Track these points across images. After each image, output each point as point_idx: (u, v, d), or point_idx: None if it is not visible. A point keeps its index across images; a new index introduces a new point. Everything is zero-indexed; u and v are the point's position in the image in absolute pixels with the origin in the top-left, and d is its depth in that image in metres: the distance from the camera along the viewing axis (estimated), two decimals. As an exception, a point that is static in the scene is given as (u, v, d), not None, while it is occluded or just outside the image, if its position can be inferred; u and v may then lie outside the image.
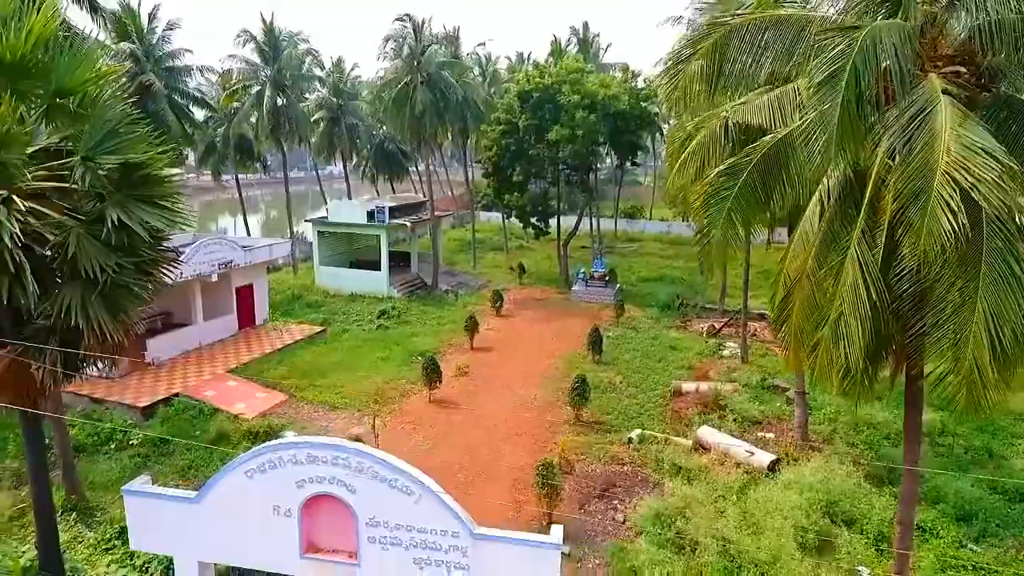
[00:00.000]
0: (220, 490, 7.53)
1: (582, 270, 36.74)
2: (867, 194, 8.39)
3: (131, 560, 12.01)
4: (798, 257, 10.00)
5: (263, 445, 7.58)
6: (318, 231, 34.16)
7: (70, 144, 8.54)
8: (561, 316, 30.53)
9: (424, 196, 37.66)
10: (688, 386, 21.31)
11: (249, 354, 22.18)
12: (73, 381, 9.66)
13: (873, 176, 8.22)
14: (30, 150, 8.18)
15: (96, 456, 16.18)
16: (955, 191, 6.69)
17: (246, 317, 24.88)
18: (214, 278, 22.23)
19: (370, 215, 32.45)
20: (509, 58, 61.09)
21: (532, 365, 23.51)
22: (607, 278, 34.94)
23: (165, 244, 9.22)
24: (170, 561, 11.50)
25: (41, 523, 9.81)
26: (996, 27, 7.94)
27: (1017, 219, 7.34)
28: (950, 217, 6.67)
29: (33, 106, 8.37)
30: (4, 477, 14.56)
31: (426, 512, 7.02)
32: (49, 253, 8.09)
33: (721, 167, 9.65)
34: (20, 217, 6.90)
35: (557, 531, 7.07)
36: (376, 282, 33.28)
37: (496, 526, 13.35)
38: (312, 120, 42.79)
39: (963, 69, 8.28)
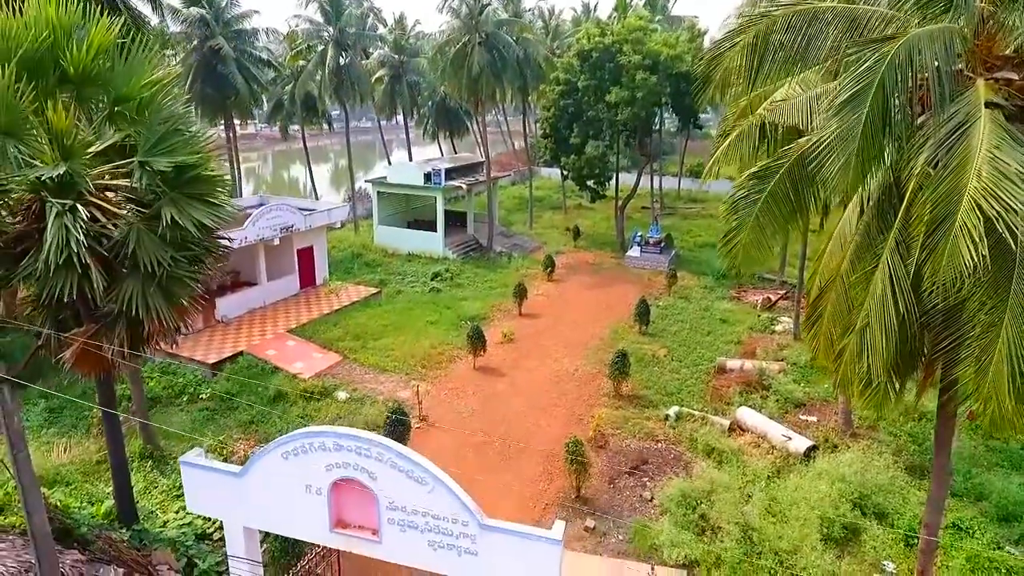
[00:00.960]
0: (261, 467, 8.41)
1: (639, 233, 36.33)
2: (904, 203, 8.14)
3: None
4: (835, 257, 9.84)
5: (297, 432, 8.37)
6: (377, 191, 35.07)
7: (133, 141, 9.31)
8: (612, 283, 30.54)
9: (482, 156, 37.82)
10: (733, 363, 21.20)
11: (308, 314, 23.52)
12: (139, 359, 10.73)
13: (912, 185, 7.93)
14: (93, 150, 8.98)
15: (170, 408, 17.86)
16: (980, 220, 6.46)
17: (307, 278, 26.22)
18: (276, 242, 23.50)
19: (427, 177, 32.99)
20: (575, 9, 59.16)
21: (577, 334, 23.85)
22: (662, 244, 34.48)
23: (216, 235, 9.93)
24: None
25: (117, 477, 11.16)
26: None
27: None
28: (971, 248, 6.47)
29: (95, 111, 9.12)
30: (93, 424, 16.33)
31: (439, 501, 7.64)
32: (112, 248, 8.94)
33: (753, 168, 9.49)
34: (84, 224, 7.71)
35: (559, 526, 7.56)
36: (432, 243, 34.09)
37: (528, 498, 14.14)
38: (374, 78, 43.32)
39: (1016, 76, 7.76)
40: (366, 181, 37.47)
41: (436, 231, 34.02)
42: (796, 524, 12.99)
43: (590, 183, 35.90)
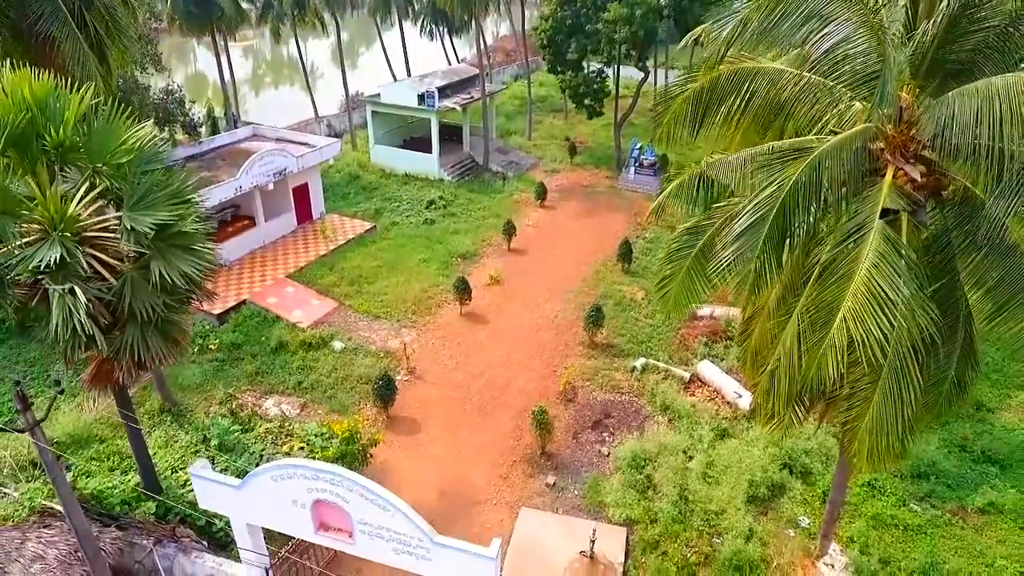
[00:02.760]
0: (255, 484, 10.17)
1: (639, 145, 36.27)
2: (809, 282, 9.05)
3: (213, 464, 15.59)
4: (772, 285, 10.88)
5: (284, 462, 10.03)
6: (372, 111, 34.79)
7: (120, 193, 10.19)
8: (602, 211, 31.15)
9: (484, 65, 36.83)
10: (704, 310, 22.52)
11: (306, 256, 24.78)
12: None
13: (815, 273, 8.80)
14: (85, 218, 9.93)
15: (181, 360, 19.74)
16: (845, 339, 7.51)
17: (303, 213, 27.16)
18: (271, 187, 24.23)
19: (420, 98, 32.63)
20: None
21: (562, 274, 25.04)
22: (657, 166, 34.54)
23: (202, 277, 11.01)
24: (241, 470, 15.07)
25: (140, 459, 13.15)
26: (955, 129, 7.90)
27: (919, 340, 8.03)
28: (836, 362, 7.58)
29: (80, 172, 9.93)
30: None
31: (399, 523, 9.42)
32: (111, 296, 10.14)
33: (687, 224, 10.30)
34: (85, 300, 8.87)
35: (495, 545, 9.35)
36: (428, 163, 34.36)
37: (497, 455, 16.15)
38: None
39: (920, 174, 8.36)
40: (360, 98, 36.91)
41: (432, 152, 34.15)
42: (727, 487, 15.03)
43: (587, 101, 35.25)
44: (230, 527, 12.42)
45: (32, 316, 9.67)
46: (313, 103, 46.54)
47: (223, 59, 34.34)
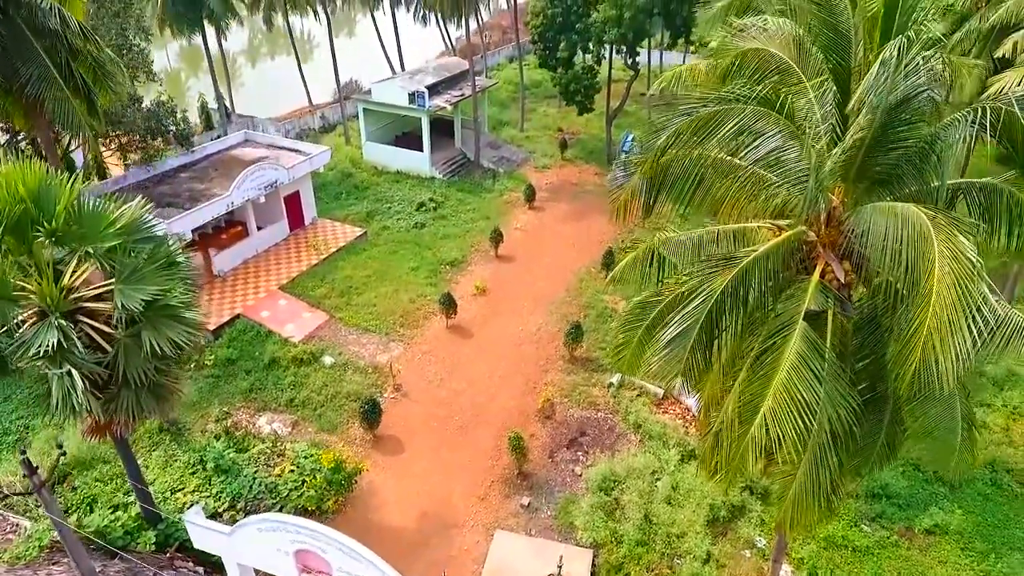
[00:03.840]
0: (243, 533, 11.16)
1: (631, 137, 36.61)
2: (745, 364, 9.80)
3: (209, 485, 16.65)
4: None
5: (269, 516, 10.99)
6: (363, 108, 35.02)
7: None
8: (589, 212, 31.60)
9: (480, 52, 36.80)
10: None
11: (298, 265, 25.51)
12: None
13: (747, 361, 9.54)
14: (80, 290, 10.69)
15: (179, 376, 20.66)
16: (764, 439, 8.31)
17: (295, 220, 27.77)
18: (262, 200, 24.81)
19: (411, 97, 32.84)
20: None
21: (546, 282, 25.75)
22: (646, 164, 34.82)
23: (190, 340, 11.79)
24: (235, 492, 16.15)
25: (139, 494, 14.16)
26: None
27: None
28: (755, 461, 8.41)
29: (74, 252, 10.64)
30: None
31: (372, 572, 10.43)
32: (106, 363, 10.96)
33: (639, 298, 11.02)
34: (83, 380, 9.70)
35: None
36: (419, 161, 34.76)
37: (476, 475, 17.16)
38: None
39: (844, 273, 9.06)
40: (350, 97, 37.08)
41: (423, 151, 34.49)
42: (689, 509, 16.06)
43: (578, 98, 35.40)
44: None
45: (33, 387, 10.51)
46: (307, 91, 46.61)
47: (218, 45, 34.30)
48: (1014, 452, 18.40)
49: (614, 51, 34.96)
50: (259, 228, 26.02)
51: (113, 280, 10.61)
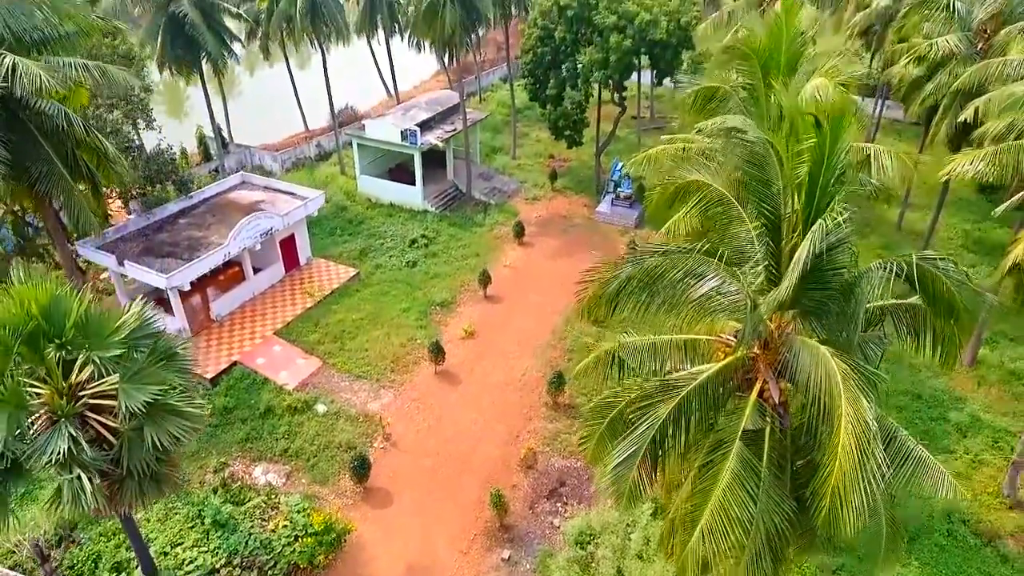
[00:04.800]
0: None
1: (620, 165, 37.46)
2: (689, 476, 10.75)
3: (206, 540, 17.63)
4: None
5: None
6: (357, 143, 35.93)
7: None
8: (577, 249, 32.51)
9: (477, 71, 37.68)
10: (661, 368, 24.25)
11: (292, 309, 26.45)
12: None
13: (692, 469, 10.50)
14: (85, 392, 11.64)
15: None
16: (701, 551, 9.28)
17: (291, 261, 28.70)
18: (258, 247, 25.74)
19: (403, 135, 33.74)
20: None
21: (533, 325, 26.67)
22: (633, 199, 35.81)
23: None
24: (232, 548, 17.10)
25: (140, 555, 15.12)
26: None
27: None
28: (696, 570, 9.39)
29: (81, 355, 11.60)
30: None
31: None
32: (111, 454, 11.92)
33: (601, 396, 11.98)
34: (91, 482, 10.66)
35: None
36: (412, 195, 35.68)
37: (460, 528, 18.15)
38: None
39: (780, 392, 10.02)
40: (346, 133, 37.97)
41: (416, 184, 35.41)
42: (660, 563, 17.05)
43: (567, 133, 36.30)
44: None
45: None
46: (303, 116, 47.47)
47: (216, 83, 35.17)
48: (971, 502, 19.38)
49: (602, 88, 35.86)
50: (255, 271, 26.94)
51: (117, 378, 11.58)
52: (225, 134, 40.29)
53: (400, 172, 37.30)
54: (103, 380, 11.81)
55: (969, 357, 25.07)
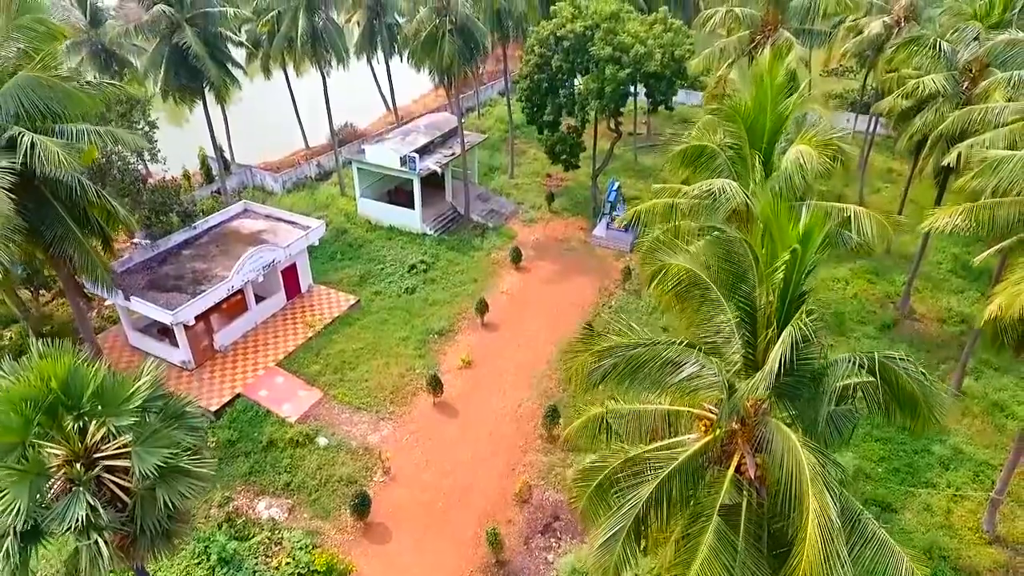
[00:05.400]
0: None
1: (616, 185, 38.00)
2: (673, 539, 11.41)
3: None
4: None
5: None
6: (357, 168, 36.53)
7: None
8: (574, 273, 33.16)
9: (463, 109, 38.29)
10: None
11: (294, 338, 27.06)
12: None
13: (672, 540, 11.14)
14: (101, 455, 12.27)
15: (185, 460, 22.26)
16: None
17: (292, 289, 29.30)
18: (260, 279, 26.35)
19: (402, 161, 34.33)
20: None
21: (529, 354, 27.29)
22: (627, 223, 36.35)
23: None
24: (236, 586, 17.73)
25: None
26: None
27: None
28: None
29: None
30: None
31: None
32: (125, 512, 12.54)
33: (589, 459, 12.63)
34: (108, 551, 11.27)
35: None
36: (411, 218, 36.29)
37: (457, 564, 18.80)
38: (351, 19, 42.14)
39: (757, 465, 10.66)
40: (346, 158, 38.58)
41: (414, 208, 36.00)
42: (649, 603, 17.69)
43: (563, 157, 36.93)
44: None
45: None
46: (303, 134, 48.03)
47: (216, 108, 35.76)
48: (951, 538, 20.05)
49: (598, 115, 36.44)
50: (258, 300, 27.55)
51: (131, 440, 12.20)
52: (227, 154, 40.81)
53: (399, 194, 37.90)
54: (117, 441, 12.45)
55: (954, 389, 25.74)
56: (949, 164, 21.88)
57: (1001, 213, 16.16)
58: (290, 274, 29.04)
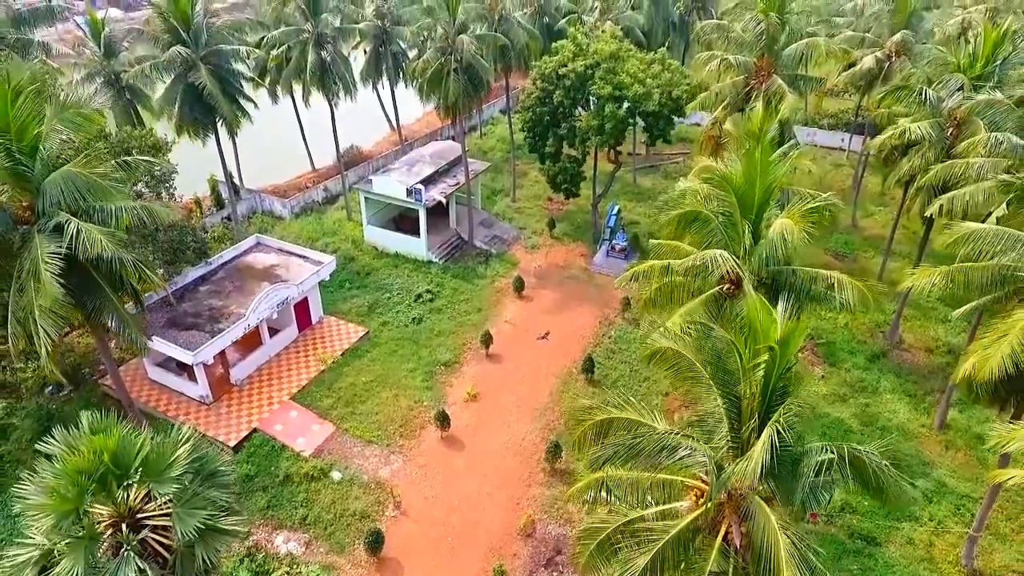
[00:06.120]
0: None
1: (616, 209, 39.13)
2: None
3: (236, 611, 19.45)
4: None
5: None
6: (364, 197, 37.65)
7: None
8: (574, 302, 34.30)
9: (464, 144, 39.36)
10: (651, 433, 26.08)
11: (307, 372, 28.21)
12: None
13: None
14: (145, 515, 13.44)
15: (206, 495, 23.43)
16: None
17: (303, 321, 30.44)
18: (275, 316, 27.49)
19: (408, 192, 35.45)
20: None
21: (532, 387, 28.41)
22: (628, 250, 37.57)
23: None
24: (259, 621, 18.90)
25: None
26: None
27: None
28: None
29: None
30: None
31: None
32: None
33: (589, 521, 13.79)
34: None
35: None
36: (417, 246, 37.41)
37: (463, 600, 19.94)
38: (357, 45, 43.25)
39: (742, 535, 11.82)
40: (353, 186, 39.71)
41: (420, 236, 37.12)
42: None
43: (564, 187, 38.05)
44: None
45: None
46: (309, 156, 49.15)
47: (226, 139, 36.84)
48: (932, 571, 21.24)
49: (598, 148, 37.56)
50: (271, 336, 28.68)
51: (172, 501, 13.37)
52: (236, 179, 41.90)
53: (405, 221, 39.01)
54: (159, 501, 13.60)
55: (938, 421, 26.93)
56: (931, 215, 23.04)
57: (975, 276, 17.32)
58: (302, 308, 30.17)
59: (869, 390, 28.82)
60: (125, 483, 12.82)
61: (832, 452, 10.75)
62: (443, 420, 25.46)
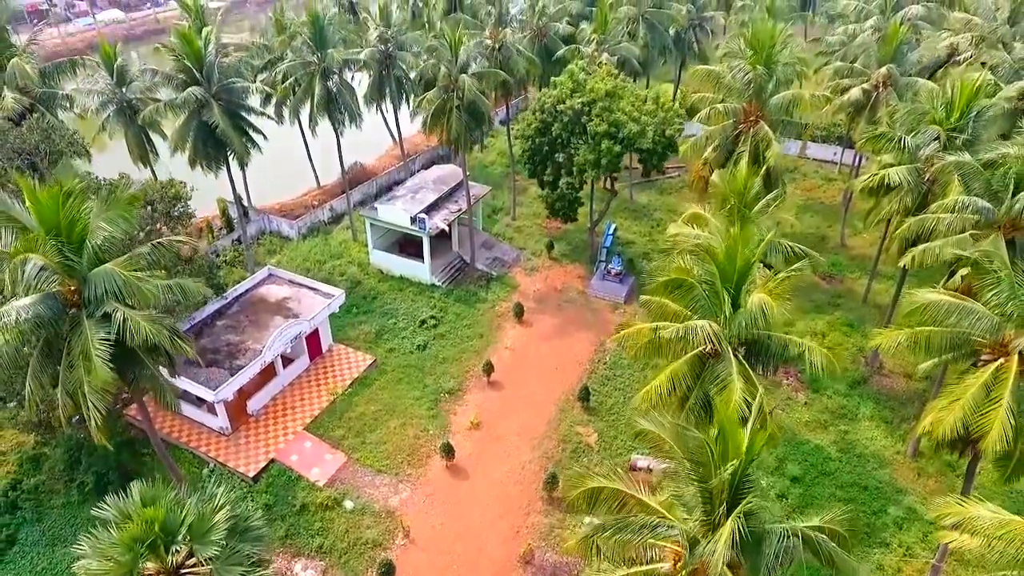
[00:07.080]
0: None
1: (613, 228, 40.66)
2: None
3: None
4: None
5: None
6: (370, 223, 39.16)
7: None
8: (572, 327, 35.95)
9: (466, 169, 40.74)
10: (643, 462, 27.85)
11: (319, 402, 29.93)
12: None
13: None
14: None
15: (229, 525, 25.24)
16: None
17: (314, 350, 32.11)
18: (288, 350, 29.15)
19: (412, 220, 36.95)
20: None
21: (531, 415, 30.13)
22: (623, 274, 39.12)
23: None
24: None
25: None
26: None
27: None
28: None
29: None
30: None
31: None
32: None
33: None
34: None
35: None
36: (421, 270, 38.99)
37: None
38: (362, 65, 44.48)
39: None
40: (360, 214, 41.19)
41: (424, 261, 38.68)
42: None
43: (562, 212, 39.53)
44: None
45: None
46: (315, 174, 50.54)
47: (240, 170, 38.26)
48: (898, 597, 23.16)
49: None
50: (284, 367, 30.37)
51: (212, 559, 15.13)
52: (245, 201, 43.31)
53: (409, 244, 40.53)
54: (200, 559, 15.36)
55: (911, 449, 28.73)
56: (905, 266, 24.64)
57: (935, 340, 18.98)
58: (313, 336, 31.82)
59: (849, 417, 30.55)
60: (172, 548, 14.55)
61: (789, 535, 12.46)
62: (448, 451, 27.23)
